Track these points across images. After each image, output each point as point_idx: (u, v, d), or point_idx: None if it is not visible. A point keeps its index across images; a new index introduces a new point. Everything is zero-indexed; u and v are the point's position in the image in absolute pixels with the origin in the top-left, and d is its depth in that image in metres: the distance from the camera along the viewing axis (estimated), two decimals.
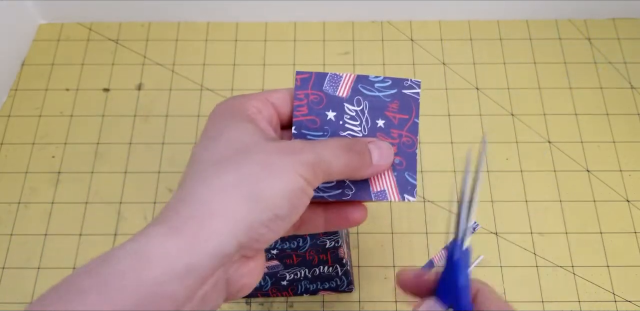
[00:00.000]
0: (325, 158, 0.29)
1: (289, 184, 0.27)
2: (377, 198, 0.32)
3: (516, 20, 0.63)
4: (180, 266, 0.25)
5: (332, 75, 0.33)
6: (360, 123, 0.33)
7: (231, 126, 0.29)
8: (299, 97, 0.32)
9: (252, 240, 0.27)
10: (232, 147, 0.28)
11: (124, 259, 0.25)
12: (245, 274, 0.28)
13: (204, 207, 0.26)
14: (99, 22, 0.64)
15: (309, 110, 0.32)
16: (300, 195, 0.28)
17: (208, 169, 0.28)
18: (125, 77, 0.60)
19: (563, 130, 0.56)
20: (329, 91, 0.33)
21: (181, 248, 0.25)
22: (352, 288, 0.47)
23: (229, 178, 0.27)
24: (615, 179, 0.54)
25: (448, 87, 0.59)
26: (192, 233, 0.25)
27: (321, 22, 0.64)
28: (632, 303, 0.48)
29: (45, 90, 0.59)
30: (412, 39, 0.62)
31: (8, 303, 0.48)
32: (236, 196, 0.26)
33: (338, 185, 0.32)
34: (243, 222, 0.26)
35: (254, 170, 0.27)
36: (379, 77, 0.33)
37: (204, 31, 0.63)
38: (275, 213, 0.27)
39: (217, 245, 0.25)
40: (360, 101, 0.33)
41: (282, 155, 0.28)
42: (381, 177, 0.32)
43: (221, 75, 0.60)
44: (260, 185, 0.27)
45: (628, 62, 0.60)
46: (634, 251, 0.50)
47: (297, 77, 0.33)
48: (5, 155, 0.56)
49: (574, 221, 0.52)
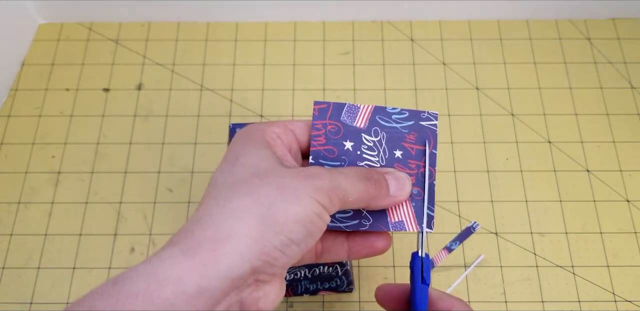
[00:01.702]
0: (342, 186, 0.29)
1: (304, 209, 0.27)
2: (395, 229, 0.32)
3: (516, 20, 0.63)
4: (191, 288, 0.25)
5: (350, 105, 0.33)
6: (378, 153, 0.33)
7: (248, 151, 0.30)
8: (317, 127, 0.33)
9: (265, 263, 0.27)
10: (248, 171, 0.29)
11: (136, 280, 0.25)
12: (260, 298, 0.28)
13: (217, 229, 0.26)
14: (99, 22, 0.64)
15: (326, 140, 0.33)
16: (316, 220, 0.28)
17: (223, 192, 0.28)
18: (125, 77, 0.60)
19: (563, 130, 0.56)
20: (346, 121, 0.33)
21: (193, 270, 0.25)
22: (352, 288, 0.47)
23: (244, 201, 0.27)
24: (615, 179, 0.54)
25: (448, 87, 0.59)
26: (204, 255, 0.25)
27: (321, 22, 0.64)
28: (632, 303, 0.48)
29: (45, 90, 0.59)
30: (412, 39, 0.62)
31: (8, 303, 0.48)
32: (250, 219, 0.26)
33: (355, 215, 0.32)
34: (256, 245, 0.26)
35: (269, 194, 0.27)
36: (397, 109, 0.34)
37: (204, 31, 0.63)
38: (289, 238, 0.27)
39: (229, 267, 0.26)
40: (377, 132, 0.33)
41: (298, 180, 0.28)
42: (399, 208, 0.32)
43: (221, 75, 0.60)
44: (275, 209, 0.27)
45: (628, 62, 0.60)
46: (634, 251, 0.50)
47: (315, 107, 0.33)
48: (5, 155, 0.56)
49: (574, 221, 0.52)
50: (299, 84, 0.59)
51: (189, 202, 0.53)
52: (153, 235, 0.51)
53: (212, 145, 0.56)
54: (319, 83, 0.59)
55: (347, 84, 0.59)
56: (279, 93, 0.59)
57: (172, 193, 0.53)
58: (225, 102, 0.58)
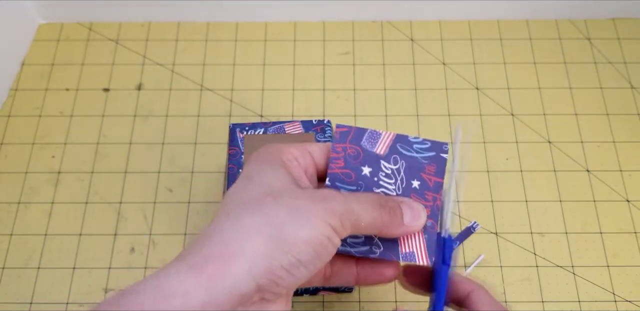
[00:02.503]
0: (355, 210, 0.29)
1: (314, 231, 0.27)
2: (405, 259, 0.32)
3: (516, 20, 0.63)
4: (197, 302, 0.25)
5: (372, 131, 0.33)
6: (395, 182, 0.32)
7: (264, 170, 0.30)
8: (337, 150, 0.32)
9: (271, 282, 0.27)
10: (262, 190, 0.29)
11: (143, 293, 0.26)
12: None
13: (226, 246, 0.27)
14: (99, 22, 0.64)
15: (345, 164, 0.32)
16: (326, 243, 0.28)
17: (236, 209, 0.28)
18: (125, 77, 0.60)
19: (563, 130, 0.56)
20: (367, 147, 0.33)
21: (199, 285, 0.25)
22: (352, 288, 0.47)
23: (255, 220, 0.27)
24: (615, 179, 0.54)
25: (448, 87, 0.59)
26: (211, 271, 0.26)
27: (321, 22, 0.64)
28: (632, 303, 0.48)
29: (45, 90, 0.59)
30: (412, 39, 0.62)
31: (8, 303, 0.48)
32: (259, 237, 0.27)
33: (367, 241, 0.31)
34: (263, 264, 0.26)
35: (280, 213, 0.27)
36: (419, 139, 0.33)
37: (204, 31, 0.63)
38: (297, 259, 0.27)
39: (235, 284, 0.26)
40: (397, 160, 0.33)
41: (310, 202, 0.28)
42: (411, 239, 0.32)
43: (221, 75, 0.60)
44: (285, 229, 0.27)
45: (628, 62, 0.60)
46: (634, 251, 0.50)
47: (337, 131, 0.33)
48: (5, 155, 0.56)
49: (574, 221, 0.52)
50: (299, 84, 0.59)
51: (189, 202, 0.53)
52: (153, 235, 0.51)
53: (212, 145, 0.56)
54: (319, 83, 0.59)
55: (347, 84, 0.59)
56: (279, 93, 0.59)
57: (172, 193, 0.53)
58: (225, 102, 0.58)
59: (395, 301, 0.48)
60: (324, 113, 0.58)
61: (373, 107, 0.58)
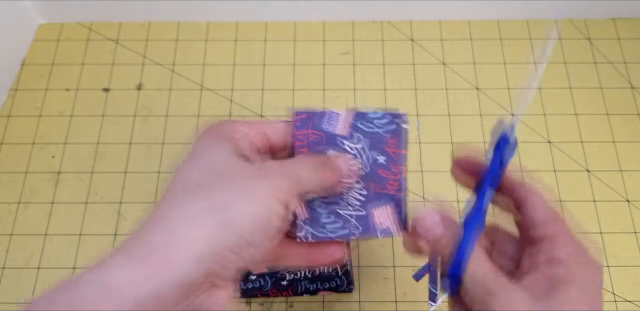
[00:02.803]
0: (302, 178, 0.29)
1: (261, 208, 0.27)
2: (383, 235, 0.32)
3: (516, 20, 0.63)
4: (143, 294, 0.24)
5: (330, 113, 0.33)
6: (362, 160, 0.33)
7: (211, 147, 0.29)
8: (300, 138, 0.33)
9: (219, 267, 0.26)
10: (208, 169, 0.28)
11: (84, 288, 0.24)
12: (213, 304, 0.27)
13: (171, 234, 0.26)
14: (99, 22, 0.64)
15: (309, 149, 0.32)
16: (274, 218, 0.27)
17: (180, 195, 0.27)
18: (125, 77, 0.60)
19: (563, 130, 0.56)
20: (328, 129, 0.33)
21: (144, 275, 0.25)
22: (352, 288, 0.47)
23: (201, 205, 0.26)
24: (615, 179, 0.54)
25: (448, 87, 0.59)
26: (157, 260, 0.25)
27: (321, 22, 0.64)
28: (632, 303, 0.48)
29: (45, 90, 0.59)
30: (412, 39, 0.62)
31: (8, 303, 0.48)
32: (206, 223, 0.26)
33: (345, 225, 0.32)
34: (210, 248, 0.25)
35: (227, 196, 0.27)
36: (378, 113, 0.33)
37: (204, 31, 0.63)
38: (245, 239, 0.26)
39: (182, 273, 0.25)
40: (360, 138, 0.33)
41: (257, 179, 0.27)
42: (384, 215, 0.32)
43: (221, 75, 0.60)
44: (232, 211, 0.26)
45: (628, 62, 0.60)
46: (634, 251, 0.50)
47: (297, 118, 0.33)
48: (5, 155, 0.56)
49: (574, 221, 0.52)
50: (299, 84, 0.59)
51: None
52: None
53: None
54: (319, 83, 0.59)
55: (347, 84, 0.59)
56: (279, 93, 0.59)
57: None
58: (225, 102, 0.58)
59: (395, 302, 0.48)
60: None
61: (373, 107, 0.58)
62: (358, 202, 0.32)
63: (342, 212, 0.32)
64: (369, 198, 0.32)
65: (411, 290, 0.48)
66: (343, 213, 0.32)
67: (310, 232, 0.32)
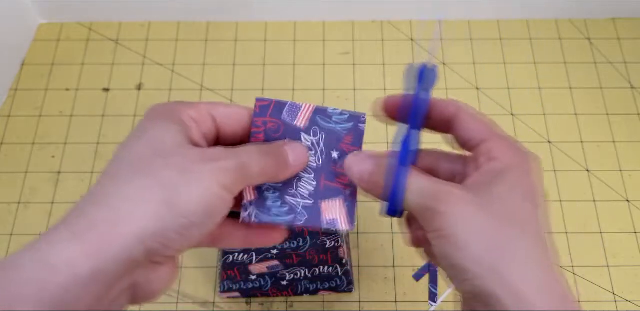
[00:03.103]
0: (245, 164, 0.29)
1: (206, 191, 0.27)
2: (328, 226, 0.33)
3: (516, 20, 0.63)
4: (85, 272, 0.24)
5: (292, 104, 0.34)
6: (315, 153, 0.33)
7: (158, 127, 0.29)
8: (257, 125, 0.33)
9: (162, 246, 0.26)
10: (152, 150, 0.28)
11: (29, 267, 0.24)
12: (154, 280, 0.28)
13: (114, 211, 0.26)
14: (99, 22, 0.64)
15: (265, 137, 0.33)
16: (219, 203, 0.27)
17: (124, 171, 0.27)
18: (125, 77, 0.60)
19: (563, 130, 0.56)
20: (287, 120, 0.33)
21: (86, 254, 0.25)
22: (352, 288, 0.47)
23: (144, 183, 0.26)
24: (615, 179, 0.54)
25: (448, 87, 0.59)
26: (98, 238, 0.25)
27: (321, 22, 0.64)
28: (632, 303, 0.48)
29: (45, 90, 0.59)
30: (412, 39, 0.62)
31: None
32: (150, 201, 0.26)
33: (290, 211, 0.33)
34: (154, 227, 0.26)
35: (171, 176, 0.27)
36: (337, 110, 0.34)
37: (204, 31, 0.63)
38: (190, 220, 0.26)
39: (123, 250, 0.25)
40: (317, 132, 0.34)
41: (201, 162, 0.27)
42: (333, 207, 0.33)
43: (221, 75, 0.60)
44: (177, 191, 0.26)
45: (628, 62, 0.60)
46: (634, 252, 0.50)
47: (257, 104, 0.33)
48: (5, 155, 0.56)
49: (574, 221, 0.52)
50: (299, 84, 0.59)
51: None
52: None
53: None
54: (319, 83, 0.59)
55: (347, 84, 0.59)
56: (279, 93, 0.59)
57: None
58: (225, 102, 0.58)
59: (395, 301, 0.48)
60: None
61: None
62: (307, 192, 0.33)
63: (290, 199, 0.33)
64: (318, 190, 0.33)
65: (411, 290, 0.48)
66: (291, 201, 0.33)
67: (255, 213, 0.32)
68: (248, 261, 0.41)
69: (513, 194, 0.28)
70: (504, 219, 0.28)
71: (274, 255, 0.41)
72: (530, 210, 0.28)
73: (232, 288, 0.45)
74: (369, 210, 0.52)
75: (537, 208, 0.29)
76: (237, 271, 0.43)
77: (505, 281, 0.26)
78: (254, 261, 0.41)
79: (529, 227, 0.28)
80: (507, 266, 0.27)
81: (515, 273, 0.26)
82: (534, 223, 0.28)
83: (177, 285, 0.49)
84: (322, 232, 0.39)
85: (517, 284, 0.26)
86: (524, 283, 0.26)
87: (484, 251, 0.27)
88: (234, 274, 0.43)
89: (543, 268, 0.27)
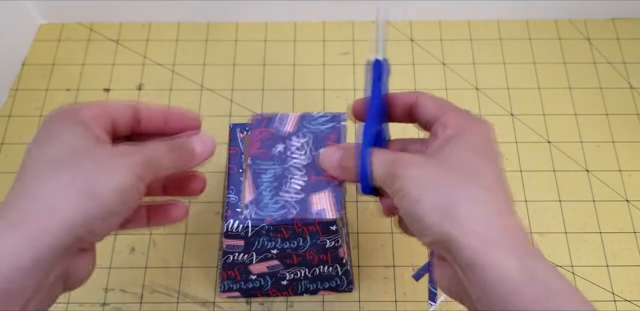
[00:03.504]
0: (153, 158, 0.32)
1: (121, 181, 0.30)
2: (318, 215, 0.37)
3: (516, 20, 0.63)
4: (26, 261, 0.27)
5: (281, 115, 0.40)
6: (305, 152, 0.39)
7: (65, 129, 0.32)
8: (255, 135, 0.40)
9: (88, 233, 0.30)
10: (67, 149, 0.31)
11: None
12: (81, 266, 0.31)
13: (42, 204, 0.29)
14: (100, 22, 0.64)
15: (261, 144, 0.39)
16: (133, 191, 0.31)
17: (45, 169, 0.30)
18: (125, 77, 0.60)
19: (563, 130, 0.57)
20: (278, 128, 0.40)
21: (24, 245, 0.27)
22: (352, 288, 0.47)
23: (66, 178, 0.29)
24: (615, 179, 0.54)
25: (448, 87, 0.59)
26: (32, 229, 0.28)
27: (321, 22, 0.64)
28: (632, 303, 0.48)
29: (45, 90, 0.60)
30: (412, 39, 0.63)
31: None
32: (72, 193, 0.29)
33: (284, 205, 0.37)
34: (80, 217, 0.29)
35: (89, 169, 0.30)
36: (320, 113, 0.40)
37: (204, 31, 0.63)
38: (110, 208, 0.30)
39: (56, 238, 0.28)
40: (305, 134, 0.39)
41: (115, 157, 0.31)
42: (322, 198, 0.37)
43: (221, 75, 0.60)
44: (96, 183, 0.29)
45: (627, 62, 0.60)
46: (633, 251, 0.50)
47: (253, 119, 0.40)
48: (6, 155, 0.56)
49: (574, 221, 0.52)
50: (299, 84, 0.59)
51: (189, 201, 0.53)
52: (153, 235, 0.51)
53: None
54: (319, 83, 0.60)
55: (347, 84, 0.59)
56: (279, 93, 0.59)
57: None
58: (225, 102, 0.58)
59: (395, 301, 0.48)
60: None
61: None
62: (299, 187, 0.38)
63: (284, 195, 0.37)
64: (309, 184, 0.37)
65: (411, 290, 0.48)
66: (285, 196, 0.37)
67: (255, 211, 0.37)
68: (248, 261, 0.42)
69: (462, 151, 0.32)
70: (453, 171, 0.31)
71: (274, 255, 0.41)
72: (478, 162, 0.31)
73: (233, 287, 0.45)
74: (369, 210, 0.52)
75: (486, 161, 0.32)
76: (237, 271, 0.43)
77: (456, 221, 0.29)
78: (254, 261, 0.42)
79: (477, 175, 0.31)
80: (456, 208, 0.30)
81: (463, 213, 0.29)
82: (482, 172, 0.31)
83: (177, 284, 0.49)
84: (322, 232, 0.39)
85: (466, 222, 0.29)
86: (471, 220, 0.29)
87: (437, 198, 0.30)
88: (234, 274, 0.43)
89: (490, 207, 0.30)
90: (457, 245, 0.29)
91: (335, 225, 0.38)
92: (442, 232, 0.30)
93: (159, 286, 0.49)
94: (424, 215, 0.30)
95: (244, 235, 0.38)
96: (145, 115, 0.36)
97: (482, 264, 0.28)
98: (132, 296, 0.48)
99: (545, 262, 0.30)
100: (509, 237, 0.30)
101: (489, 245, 0.29)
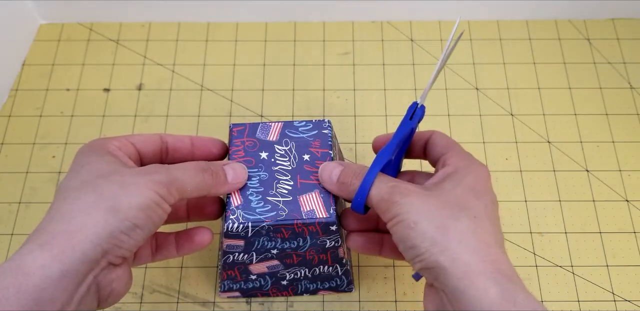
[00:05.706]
0: (179, 178, 0.34)
1: (143, 198, 0.32)
2: (307, 216, 0.38)
3: (516, 20, 0.63)
4: (55, 272, 0.29)
5: (263, 124, 0.41)
6: (289, 159, 0.40)
7: (92, 159, 0.34)
8: (236, 144, 0.41)
9: (114, 246, 0.31)
10: (93, 174, 0.33)
11: (3, 276, 0.29)
12: (113, 280, 0.33)
13: (69, 223, 0.31)
14: (99, 22, 0.64)
15: (245, 153, 0.40)
16: (155, 207, 0.33)
17: (71, 193, 0.32)
18: (125, 77, 0.60)
19: (563, 130, 0.57)
20: (261, 137, 0.41)
21: (53, 258, 0.29)
22: (352, 288, 0.47)
23: (90, 198, 0.32)
24: (615, 179, 0.54)
25: (448, 87, 0.59)
26: (61, 245, 0.30)
27: (321, 22, 0.64)
28: (632, 303, 0.48)
29: (45, 90, 0.60)
30: (412, 39, 0.63)
31: None
32: (97, 211, 0.31)
33: (273, 208, 0.38)
34: (104, 231, 0.31)
35: (112, 189, 0.32)
36: (302, 122, 0.41)
37: (204, 31, 0.63)
38: (133, 223, 0.32)
39: (83, 252, 0.30)
40: (288, 142, 0.41)
41: (137, 176, 0.33)
42: (310, 199, 0.38)
43: (221, 75, 0.60)
44: (119, 200, 0.32)
45: (627, 63, 0.60)
46: (633, 251, 0.50)
47: (234, 129, 0.41)
48: (6, 155, 0.56)
49: (574, 221, 0.52)
50: (299, 84, 0.59)
51: None
52: None
53: None
54: (319, 84, 0.60)
55: (347, 84, 0.59)
56: (279, 93, 0.59)
57: None
58: (225, 102, 0.58)
59: (395, 301, 0.48)
60: (324, 113, 0.58)
61: (373, 107, 0.58)
62: (286, 190, 0.39)
63: (272, 199, 0.38)
64: (295, 187, 0.39)
65: (411, 290, 0.48)
66: (272, 200, 0.38)
67: (242, 215, 0.37)
68: (248, 261, 0.42)
69: (457, 188, 0.34)
70: (447, 204, 0.33)
71: (274, 255, 0.41)
72: (470, 199, 0.34)
73: (233, 287, 0.45)
74: None
75: (479, 198, 0.34)
76: (237, 271, 0.43)
77: (446, 249, 0.32)
78: (254, 261, 0.42)
79: (469, 210, 0.33)
80: (447, 237, 0.32)
81: (453, 242, 0.32)
82: (473, 208, 0.34)
83: (177, 284, 0.49)
84: (322, 232, 0.39)
85: (455, 251, 0.31)
86: (460, 250, 0.31)
87: (430, 227, 0.32)
88: (234, 274, 0.43)
89: (479, 238, 0.32)
90: (444, 272, 0.31)
91: (335, 225, 0.38)
92: (432, 260, 0.32)
93: (159, 286, 0.49)
94: (417, 243, 0.32)
95: (244, 235, 0.38)
96: (172, 144, 0.39)
97: (466, 290, 0.30)
98: (132, 296, 0.48)
99: (526, 292, 0.31)
100: (494, 267, 0.31)
101: (474, 273, 0.30)
